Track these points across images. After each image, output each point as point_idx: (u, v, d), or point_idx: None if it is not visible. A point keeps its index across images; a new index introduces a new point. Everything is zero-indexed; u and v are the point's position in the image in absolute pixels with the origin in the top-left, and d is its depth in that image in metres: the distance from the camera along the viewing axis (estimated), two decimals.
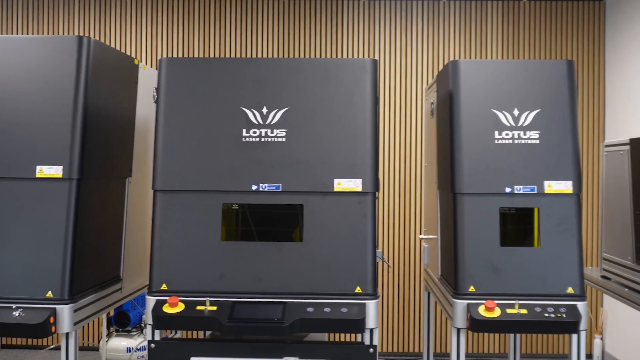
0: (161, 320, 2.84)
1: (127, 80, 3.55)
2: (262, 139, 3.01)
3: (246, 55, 6.05)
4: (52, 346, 5.97)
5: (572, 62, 3.10)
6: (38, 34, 6.10)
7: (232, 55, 6.06)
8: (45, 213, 2.95)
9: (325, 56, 6.03)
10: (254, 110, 3.03)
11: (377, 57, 6.00)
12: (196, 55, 6.08)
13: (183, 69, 3.09)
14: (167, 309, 2.83)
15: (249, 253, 2.94)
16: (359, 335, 2.88)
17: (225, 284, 2.91)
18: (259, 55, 6.04)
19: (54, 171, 2.98)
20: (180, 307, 2.84)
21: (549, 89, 3.06)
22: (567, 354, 2.99)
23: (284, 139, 3.00)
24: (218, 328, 2.78)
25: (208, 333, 4.18)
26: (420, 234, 4.02)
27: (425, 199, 4.06)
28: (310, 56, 6.04)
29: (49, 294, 2.90)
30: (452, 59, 5.94)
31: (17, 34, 6.10)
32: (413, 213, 5.82)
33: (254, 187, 2.97)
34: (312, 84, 3.04)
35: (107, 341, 5.47)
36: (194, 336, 4.16)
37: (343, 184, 2.96)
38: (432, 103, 3.73)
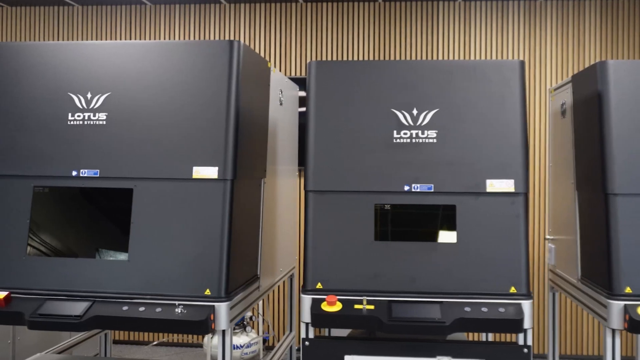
0: (320, 318, 2.89)
1: (263, 83, 3.62)
2: (413, 140, 3.04)
3: (340, 59, 6.10)
4: (155, 342, 6.12)
5: None
6: (142, 39, 6.27)
7: (328, 59, 6.12)
8: (202, 213, 3.04)
9: (420, 58, 6.05)
10: (404, 112, 3.07)
11: (472, 59, 5.99)
12: (292, 59, 6.16)
13: (332, 71, 3.15)
14: (325, 307, 2.89)
15: (402, 253, 2.97)
16: (492, 335, 2.87)
17: (379, 283, 2.96)
18: (355, 59, 6.09)
19: (210, 172, 3.06)
20: (338, 306, 2.89)
21: None
22: None
23: (434, 140, 3.03)
24: (378, 327, 2.82)
25: (330, 331, 4.23)
26: (546, 235, 4.04)
27: (552, 200, 4.04)
28: (404, 58, 6.06)
29: (207, 291, 2.98)
30: (549, 58, 5.89)
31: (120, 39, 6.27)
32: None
33: (406, 188, 3.01)
34: (462, 85, 3.07)
35: (211, 338, 5.59)
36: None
37: (495, 185, 2.97)
38: (564, 104, 3.71)
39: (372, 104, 3.09)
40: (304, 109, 3.04)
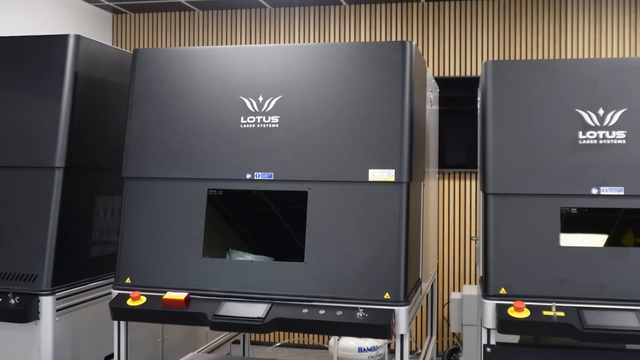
0: (507, 324, 2.82)
1: (422, 83, 3.57)
2: (600, 141, 2.93)
3: (464, 58, 6.00)
4: (278, 343, 6.16)
5: None
6: (262, 43, 6.33)
7: (448, 60, 6.03)
8: (379, 216, 3.01)
9: (549, 56, 5.88)
10: (589, 112, 2.96)
11: (604, 56, 5.78)
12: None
13: (509, 71, 3.08)
14: (513, 313, 2.81)
15: (590, 258, 2.86)
16: None
17: (566, 289, 2.86)
18: (478, 57, 5.97)
19: (386, 175, 3.03)
20: (526, 312, 2.81)
21: None
22: None
23: (623, 141, 2.91)
24: (572, 335, 2.73)
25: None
26: None
27: None
28: (531, 57, 5.91)
29: (387, 295, 2.95)
30: None
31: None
32: None
33: (593, 191, 2.90)
34: None
35: (338, 340, 5.58)
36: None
37: None
38: None
39: (553, 104, 3.00)
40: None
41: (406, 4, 6.08)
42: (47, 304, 3.21)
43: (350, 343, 5.62)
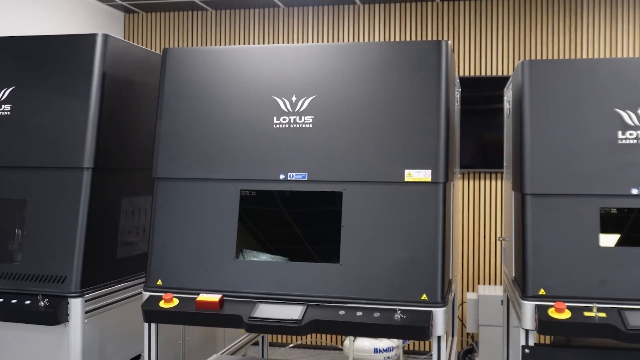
0: (548, 325, 2.79)
1: (453, 82, 3.55)
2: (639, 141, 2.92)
3: (479, 58, 5.98)
4: (291, 345, 6.12)
5: None
6: (276, 42, 6.29)
7: (463, 59, 6.01)
8: (415, 217, 2.98)
9: (564, 56, 5.87)
10: (628, 112, 2.94)
11: (619, 55, 5.77)
12: None
13: (547, 70, 3.06)
14: (553, 314, 2.79)
15: (631, 258, 2.85)
16: None
17: (607, 290, 2.84)
18: (493, 57, 5.96)
19: (423, 175, 3.01)
20: (567, 313, 2.79)
21: None
22: None
23: None
24: (614, 336, 2.71)
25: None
26: None
27: None
28: (546, 57, 5.90)
29: (424, 296, 2.92)
30: None
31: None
32: None
33: (634, 191, 2.89)
34: None
35: (353, 341, 5.55)
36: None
37: None
38: None
39: (592, 103, 2.98)
40: None
41: (421, 4, 6.06)
42: (76, 306, 3.17)
43: (365, 344, 5.61)
